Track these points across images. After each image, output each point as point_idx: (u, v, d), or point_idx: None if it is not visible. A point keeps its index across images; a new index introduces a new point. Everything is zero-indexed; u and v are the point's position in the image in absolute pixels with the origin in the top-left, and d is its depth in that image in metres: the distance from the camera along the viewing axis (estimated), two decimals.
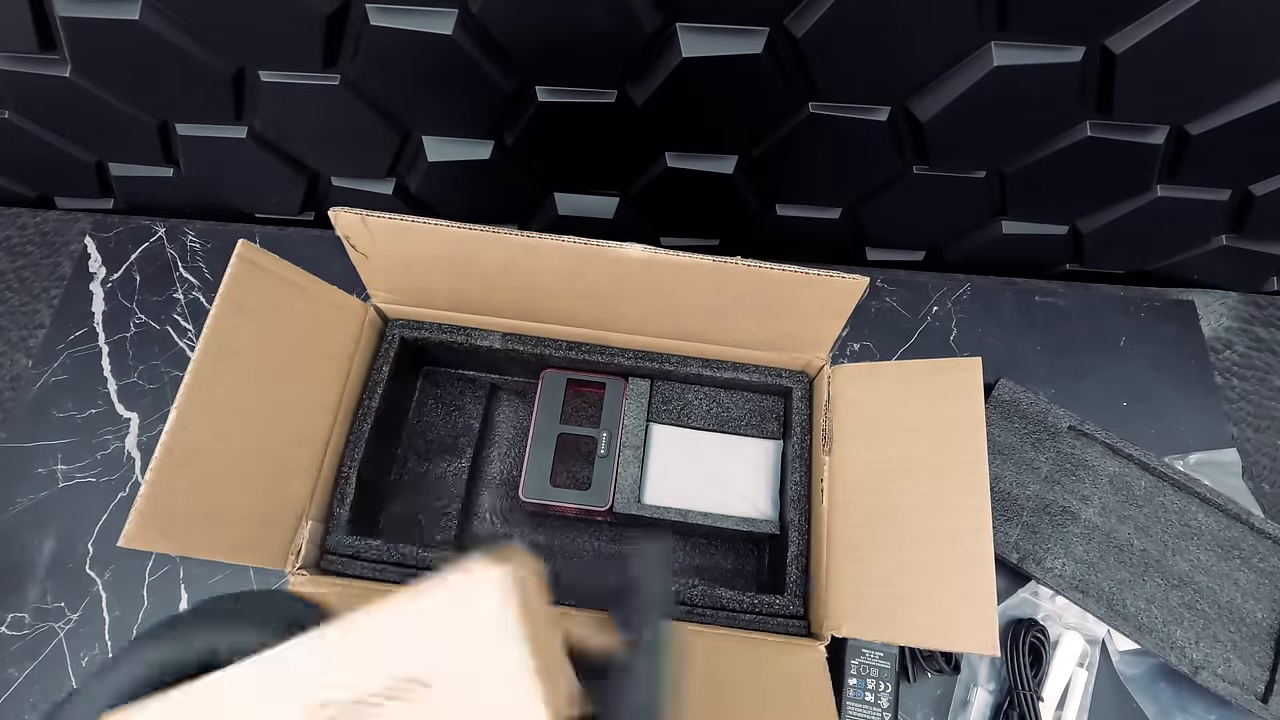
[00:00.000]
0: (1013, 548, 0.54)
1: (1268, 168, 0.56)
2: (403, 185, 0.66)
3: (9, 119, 0.60)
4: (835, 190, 0.63)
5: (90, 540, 0.56)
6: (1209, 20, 0.44)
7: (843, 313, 0.47)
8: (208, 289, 0.65)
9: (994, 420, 0.58)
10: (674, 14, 0.48)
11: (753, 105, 0.54)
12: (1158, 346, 0.64)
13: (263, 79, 0.55)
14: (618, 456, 0.52)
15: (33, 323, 0.65)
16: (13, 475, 0.58)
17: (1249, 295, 0.67)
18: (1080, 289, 0.67)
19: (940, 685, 0.53)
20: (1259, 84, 0.49)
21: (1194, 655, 0.52)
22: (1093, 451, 0.58)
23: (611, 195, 0.66)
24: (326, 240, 0.68)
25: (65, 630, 0.53)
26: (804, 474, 0.52)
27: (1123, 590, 0.54)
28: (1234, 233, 0.63)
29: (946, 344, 0.64)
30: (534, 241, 0.44)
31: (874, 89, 0.52)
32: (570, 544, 0.55)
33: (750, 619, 0.48)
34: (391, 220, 0.44)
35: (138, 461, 0.59)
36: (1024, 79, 0.49)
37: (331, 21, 0.49)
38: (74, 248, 0.67)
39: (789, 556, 0.50)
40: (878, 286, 0.66)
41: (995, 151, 0.57)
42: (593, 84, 0.53)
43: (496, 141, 0.59)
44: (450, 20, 0.48)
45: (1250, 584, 0.54)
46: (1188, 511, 0.56)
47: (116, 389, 0.61)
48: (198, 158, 0.64)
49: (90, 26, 0.50)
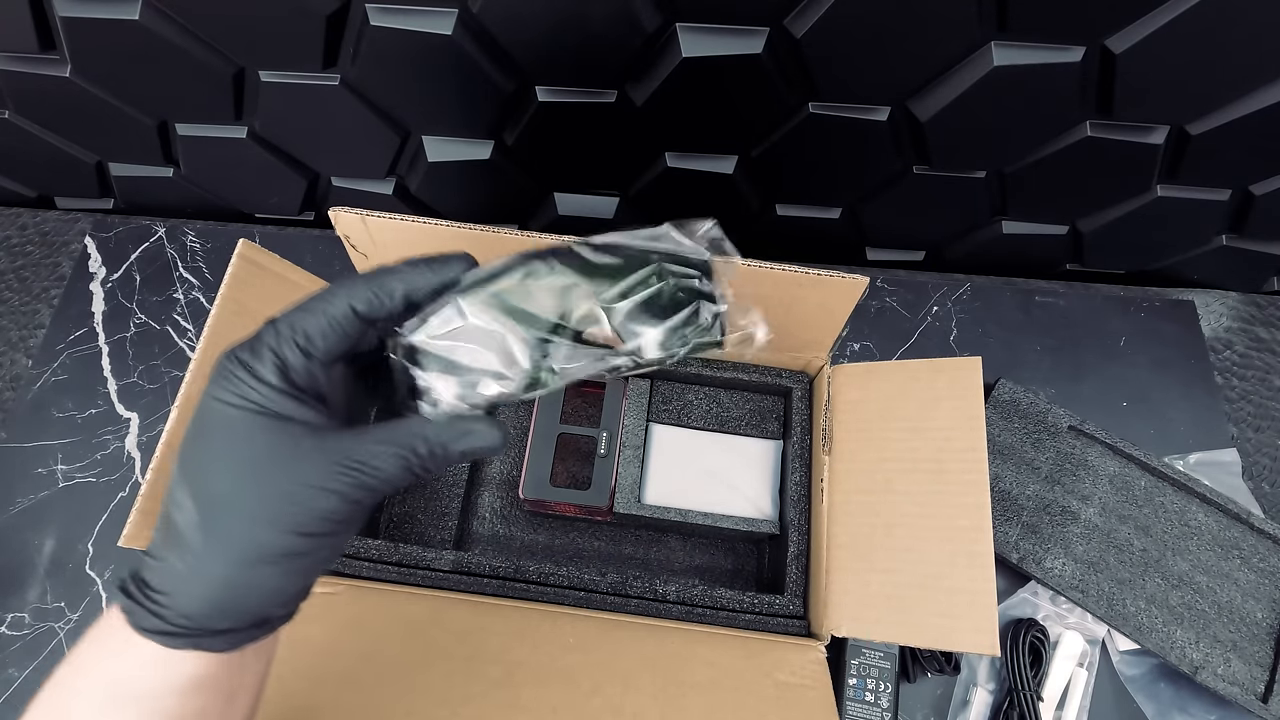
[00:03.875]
0: (1013, 548, 0.54)
1: (1268, 168, 0.56)
2: (403, 185, 0.66)
3: (9, 119, 0.60)
4: (835, 190, 0.63)
5: (90, 540, 0.56)
6: (1209, 20, 0.44)
7: (843, 313, 0.47)
8: (208, 289, 0.65)
9: (994, 420, 0.58)
10: (674, 14, 0.48)
11: (753, 105, 0.54)
12: (1158, 346, 0.64)
13: (263, 79, 0.55)
14: (618, 456, 0.52)
15: (33, 323, 0.65)
16: (13, 475, 0.58)
17: (1249, 295, 0.67)
18: (1080, 289, 0.67)
19: (940, 685, 0.53)
20: (1259, 84, 0.49)
21: (1194, 655, 0.52)
22: (1093, 451, 0.58)
23: (611, 195, 0.66)
24: (326, 240, 0.68)
25: (65, 630, 0.53)
26: (804, 474, 0.52)
27: (1123, 590, 0.54)
28: (1234, 233, 0.63)
29: (946, 344, 0.64)
30: (534, 241, 0.44)
31: (874, 89, 0.52)
32: (570, 544, 0.55)
33: (750, 619, 0.48)
34: (391, 220, 0.44)
35: (138, 461, 0.59)
36: (1024, 79, 0.49)
37: (331, 21, 0.49)
38: (74, 248, 0.67)
39: (789, 556, 0.50)
40: (878, 286, 0.66)
41: (995, 151, 0.57)
42: (593, 84, 0.53)
43: (496, 141, 0.59)
44: (450, 20, 0.48)
45: (1250, 584, 0.54)
46: (1188, 511, 0.56)
47: (116, 389, 0.61)
48: (198, 158, 0.64)
49: (90, 26, 0.50)
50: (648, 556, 0.55)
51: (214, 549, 0.24)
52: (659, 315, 0.26)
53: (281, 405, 0.24)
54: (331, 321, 0.25)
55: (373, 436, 0.25)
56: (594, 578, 0.49)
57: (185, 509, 0.24)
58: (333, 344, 0.25)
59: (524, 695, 0.41)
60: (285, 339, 0.25)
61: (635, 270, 0.26)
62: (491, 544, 0.55)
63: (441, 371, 0.26)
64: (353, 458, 0.24)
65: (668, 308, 0.26)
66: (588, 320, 0.26)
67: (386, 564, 0.48)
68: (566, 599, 0.48)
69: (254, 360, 0.24)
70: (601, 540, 0.56)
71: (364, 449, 0.25)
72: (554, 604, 0.48)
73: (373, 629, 0.44)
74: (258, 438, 0.24)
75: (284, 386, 0.24)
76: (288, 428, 0.24)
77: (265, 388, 0.24)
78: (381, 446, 0.25)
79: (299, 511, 0.24)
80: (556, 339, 0.26)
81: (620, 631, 0.46)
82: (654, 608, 0.48)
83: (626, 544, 0.56)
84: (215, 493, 0.24)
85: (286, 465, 0.24)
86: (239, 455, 0.24)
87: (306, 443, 0.24)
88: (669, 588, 0.49)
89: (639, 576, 0.49)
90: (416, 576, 0.48)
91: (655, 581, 0.49)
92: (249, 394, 0.24)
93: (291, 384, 0.25)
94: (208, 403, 0.25)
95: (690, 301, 0.26)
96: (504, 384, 0.26)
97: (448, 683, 0.41)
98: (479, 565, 0.49)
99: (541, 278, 0.26)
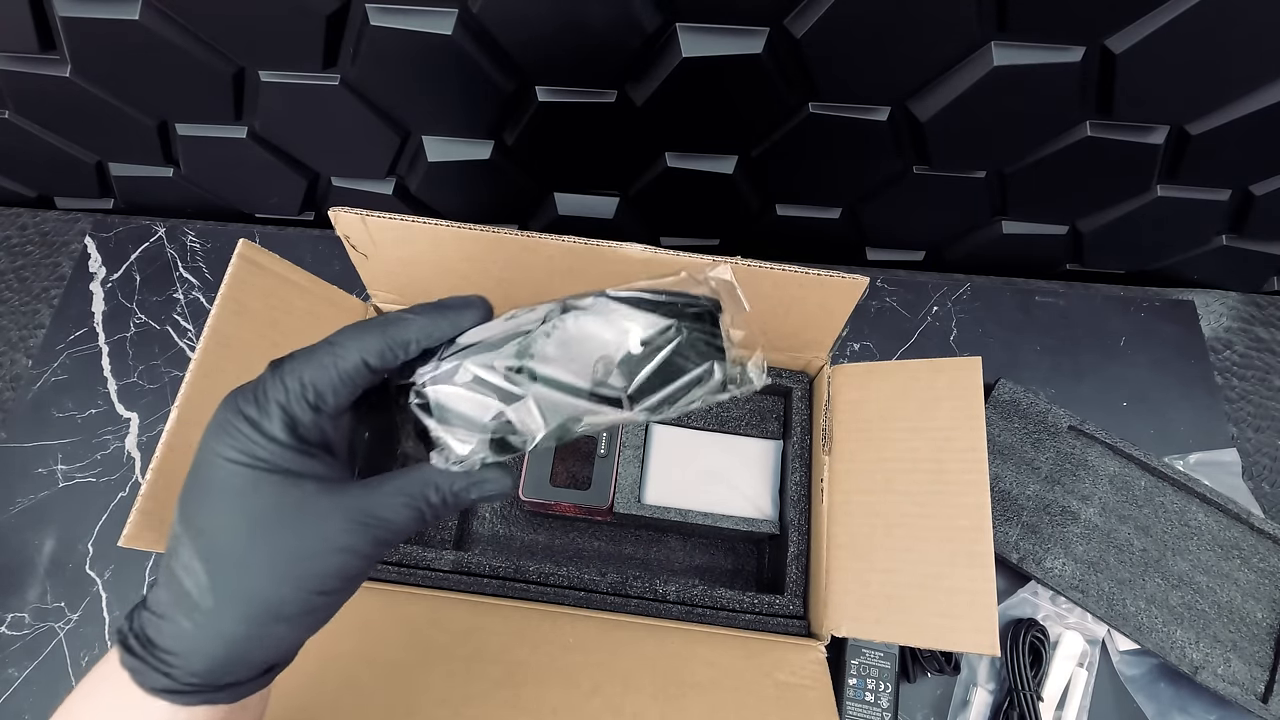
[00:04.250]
0: (1013, 548, 0.54)
1: (1268, 168, 0.56)
2: (403, 185, 0.66)
3: (9, 119, 0.60)
4: (835, 190, 0.63)
5: (90, 540, 0.56)
6: (1209, 20, 0.44)
7: (843, 313, 0.47)
8: (208, 289, 0.65)
9: (994, 420, 0.58)
10: (674, 14, 0.48)
11: (753, 105, 0.54)
12: (1158, 346, 0.64)
13: (263, 79, 0.55)
14: (618, 456, 0.52)
15: (33, 323, 0.65)
16: (13, 475, 0.58)
17: (1249, 295, 0.67)
18: (1080, 289, 0.67)
19: (940, 685, 0.53)
20: (1259, 84, 0.49)
21: (1194, 655, 0.52)
22: (1093, 451, 0.58)
23: (611, 195, 0.66)
24: (326, 240, 0.68)
25: (65, 630, 0.53)
26: (804, 474, 0.52)
27: (1123, 590, 0.54)
28: (1234, 233, 0.63)
29: (946, 344, 0.64)
30: (534, 241, 0.44)
31: (874, 89, 0.52)
32: (570, 544, 0.55)
33: (750, 619, 0.48)
34: (391, 220, 0.44)
35: (138, 461, 0.59)
36: (1024, 79, 0.49)
37: (331, 21, 0.49)
38: (74, 248, 0.67)
39: (789, 556, 0.50)
40: (878, 286, 0.66)
41: (995, 151, 0.57)
42: (593, 84, 0.53)
43: (496, 141, 0.59)
44: (450, 20, 0.48)
45: (1250, 584, 0.54)
46: (1188, 511, 0.56)
47: (116, 389, 0.61)
48: (198, 158, 0.64)
49: (90, 26, 0.50)
50: (648, 556, 0.55)
51: (225, 610, 0.23)
52: (674, 374, 0.26)
53: (291, 461, 0.24)
54: (343, 376, 0.25)
55: (385, 489, 0.25)
56: (594, 578, 0.49)
57: (194, 570, 0.23)
58: (343, 399, 0.25)
59: (524, 695, 0.41)
60: (296, 396, 0.24)
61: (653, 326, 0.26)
62: (491, 544, 0.55)
63: (455, 424, 0.26)
64: (366, 512, 0.24)
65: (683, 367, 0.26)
66: (603, 377, 0.26)
67: (387, 564, 0.48)
68: (566, 599, 0.48)
69: (261, 416, 0.24)
70: (601, 540, 0.56)
71: (377, 502, 0.24)
72: (554, 604, 0.48)
73: (373, 629, 0.44)
74: (267, 496, 0.23)
75: (293, 443, 0.24)
76: (298, 484, 0.24)
77: (273, 444, 0.24)
78: (394, 499, 0.25)
79: (313, 571, 0.23)
80: (572, 399, 0.26)
81: (620, 631, 0.46)
82: (654, 608, 0.48)
83: (626, 544, 0.56)
84: (225, 553, 0.23)
85: (298, 523, 0.23)
86: (249, 514, 0.23)
87: (318, 499, 0.24)
88: (669, 588, 0.49)
89: (639, 576, 0.49)
90: (416, 576, 0.48)
91: (655, 581, 0.49)
92: (256, 451, 0.23)
93: (301, 439, 0.24)
94: (211, 458, 0.24)
95: (704, 360, 0.26)
96: (517, 439, 0.26)
97: (448, 683, 0.41)
98: (479, 565, 0.49)
99: (557, 332, 0.26)
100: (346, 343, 0.25)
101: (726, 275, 0.27)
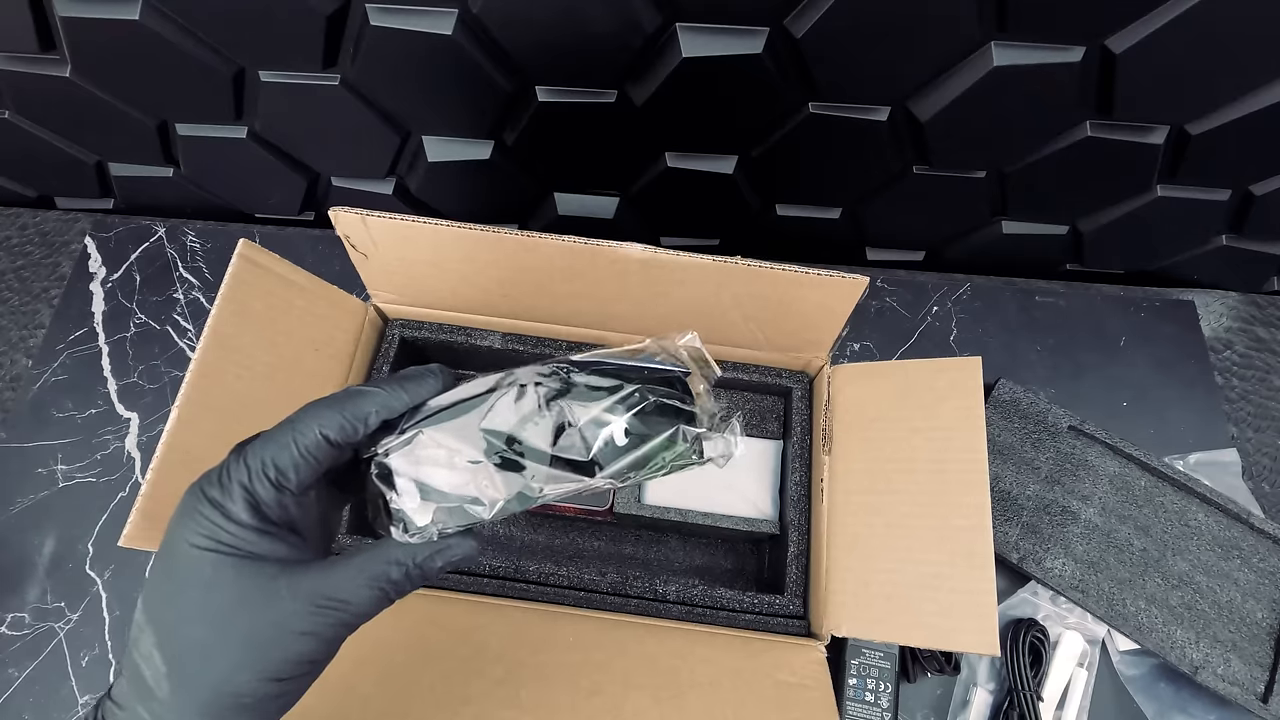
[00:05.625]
0: (1013, 548, 0.54)
1: (1268, 168, 0.56)
2: (403, 185, 0.66)
3: (9, 119, 0.60)
4: (835, 190, 0.63)
5: (90, 540, 0.56)
6: (1209, 20, 0.44)
7: (843, 313, 0.47)
8: (208, 289, 0.65)
9: (994, 420, 0.58)
10: (674, 14, 0.48)
11: (753, 105, 0.54)
12: (1158, 346, 0.64)
13: (263, 79, 0.55)
14: None
15: (33, 323, 0.65)
16: (13, 475, 0.58)
17: (1249, 295, 0.67)
18: (1080, 289, 0.67)
19: (940, 685, 0.53)
20: (1259, 84, 0.49)
21: (1194, 655, 0.52)
22: (1093, 451, 0.58)
23: (611, 195, 0.66)
24: (326, 240, 0.68)
25: (65, 630, 0.53)
26: (804, 474, 0.52)
27: (1123, 590, 0.54)
28: (1234, 233, 0.63)
29: (946, 344, 0.64)
30: (534, 241, 0.44)
31: (874, 89, 0.52)
32: (570, 544, 0.55)
33: (750, 619, 0.48)
34: (391, 220, 0.44)
35: (138, 461, 0.59)
36: (1024, 79, 0.49)
37: (331, 21, 0.49)
38: (74, 248, 0.67)
39: (789, 556, 0.50)
40: (878, 286, 0.66)
41: (995, 151, 0.57)
42: (593, 84, 0.53)
43: (496, 141, 0.59)
44: (450, 20, 0.48)
45: (1250, 584, 0.54)
46: (1188, 511, 0.56)
47: (116, 389, 0.61)
48: (198, 158, 0.64)
49: (90, 26, 0.50)
50: (648, 556, 0.55)
51: (182, 699, 0.23)
52: (639, 440, 0.26)
53: (254, 544, 0.24)
54: (305, 452, 0.25)
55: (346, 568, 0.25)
56: (594, 578, 0.49)
57: (152, 659, 0.23)
58: (305, 476, 0.25)
59: (524, 695, 0.41)
60: (257, 475, 0.24)
61: (617, 392, 0.26)
62: (491, 544, 0.55)
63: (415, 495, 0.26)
64: (326, 595, 0.24)
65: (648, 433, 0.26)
66: (567, 445, 0.26)
67: None
68: (566, 599, 0.48)
69: (224, 499, 0.24)
70: (601, 540, 0.56)
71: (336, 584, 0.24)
72: (554, 604, 0.48)
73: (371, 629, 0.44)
74: (228, 581, 0.23)
75: (256, 524, 0.24)
76: (261, 568, 0.24)
77: (237, 527, 0.24)
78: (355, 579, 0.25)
79: (273, 657, 0.23)
80: (534, 464, 0.26)
81: (620, 631, 0.46)
82: (654, 608, 0.48)
83: (626, 544, 0.56)
84: (183, 641, 0.23)
85: (259, 610, 0.23)
86: (209, 601, 0.23)
87: (279, 582, 0.24)
88: (669, 588, 0.49)
89: (639, 576, 0.49)
90: None
91: (655, 581, 0.49)
92: (220, 535, 0.23)
93: (264, 519, 0.24)
94: (177, 545, 0.24)
95: (671, 425, 0.26)
96: (479, 509, 0.26)
97: (448, 683, 0.41)
98: (479, 565, 0.49)
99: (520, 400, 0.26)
100: (305, 419, 0.25)
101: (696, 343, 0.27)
